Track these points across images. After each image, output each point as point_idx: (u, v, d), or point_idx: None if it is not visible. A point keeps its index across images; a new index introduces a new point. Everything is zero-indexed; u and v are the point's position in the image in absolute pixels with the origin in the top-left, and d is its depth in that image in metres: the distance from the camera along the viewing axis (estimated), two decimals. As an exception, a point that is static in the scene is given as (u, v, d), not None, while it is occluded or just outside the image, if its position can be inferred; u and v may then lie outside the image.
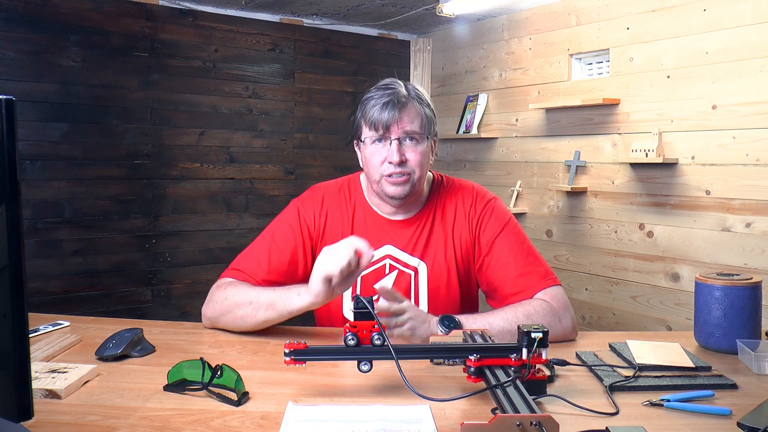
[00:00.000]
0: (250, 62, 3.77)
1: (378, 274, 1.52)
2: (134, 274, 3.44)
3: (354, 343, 1.06)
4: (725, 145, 2.68)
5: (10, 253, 0.78)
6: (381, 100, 1.44)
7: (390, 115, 1.43)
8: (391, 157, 1.44)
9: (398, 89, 1.46)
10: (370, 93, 1.49)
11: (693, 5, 2.78)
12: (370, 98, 1.47)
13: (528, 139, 3.64)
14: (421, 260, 1.52)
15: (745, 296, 1.31)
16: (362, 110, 1.49)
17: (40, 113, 3.14)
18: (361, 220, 1.55)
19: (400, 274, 1.52)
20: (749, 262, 2.61)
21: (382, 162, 1.46)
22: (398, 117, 1.43)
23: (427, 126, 1.48)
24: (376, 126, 1.44)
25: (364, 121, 1.48)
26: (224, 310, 1.42)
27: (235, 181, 3.76)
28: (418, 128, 1.46)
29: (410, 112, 1.45)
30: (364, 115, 1.48)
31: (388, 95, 1.45)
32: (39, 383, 1.04)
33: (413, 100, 1.47)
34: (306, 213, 1.56)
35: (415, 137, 1.45)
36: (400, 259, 1.53)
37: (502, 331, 1.32)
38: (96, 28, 3.27)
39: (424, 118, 1.47)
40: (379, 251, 1.52)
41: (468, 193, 1.57)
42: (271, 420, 0.98)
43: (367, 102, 1.48)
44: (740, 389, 1.13)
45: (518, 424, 0.84)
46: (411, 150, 1.45)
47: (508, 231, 1.51)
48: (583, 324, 3.33)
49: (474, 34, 3.99)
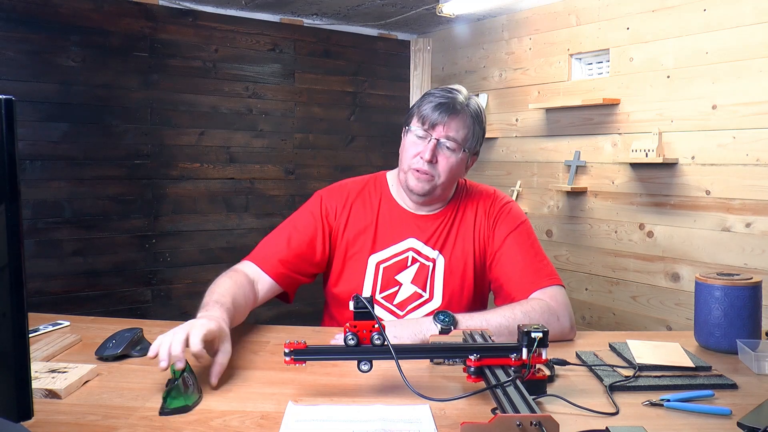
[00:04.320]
0: (250, 62, 3.77)
1: (400, 266, 1.55)
2: (134, 274, 3.44)
3: (354, 342, 1.06)
4: (725, 145, 2.68)
5: (9, 253, 0.78)
6: (438, 100, 1.50)
7: (440, 116, 1.48)
8: (424, 153, 1.48)
9: (458, 96, 1.52)
10: (433, 90, 1.55)
11: (693, 5, 2.77)
12: (431, 94, 1.53)
13: (528, 139, 3.64)
14: (440, 252, 1.56)
15: (745, 296, 1.31)
16: (419, 102, 1.54)
17: (40, 113, 3.14)
18: (386, 214, 1.59)
19: (420, 266, 1.55)
20: (749, 262, 2.61)
21: (415, 155, 1.50)
22: (447, 121, 1.48)
23: (471, 140, 1.52)
24: (424, 121, 1.50)
25: (416, 112, 1.52)
26: None
27: (235, 181, 3.76)
28: (461, 139, 1.50)
29: (459, 121, 1.49)
30: (419, 107, 1.52)
31: (447, 98, 1.50)
32: (39, 383, 1.04)
33: (467, 112, 1.51)
34: (329, 203, 1.60)
35: (454, 145, 1.49)
36: (421, 251, 1.56)
37: (500, 327, 1.34)
38: (96, 28, 3.27)
39: (469, 132, 1.51)
40: (402, 243, 1.56)
41: (488, 195, 1.63)
42: (271, 420, 0.98)
43: (427, 96, 1.53)
44: (740, 389, 1.13)
45: (518, 424, 0.84)
46: (444, 156, 1.50)
47: (521, 231, 1.56)
48: (583, 324, 3.33)
49: (474, 34, 3.99)
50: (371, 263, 1.55)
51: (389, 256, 1.55)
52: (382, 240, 1.56)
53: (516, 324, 1.23)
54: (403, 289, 1.54)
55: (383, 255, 1.55)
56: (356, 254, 1.56)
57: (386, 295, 1.54)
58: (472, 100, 1.54)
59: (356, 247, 1.56)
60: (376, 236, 1.56)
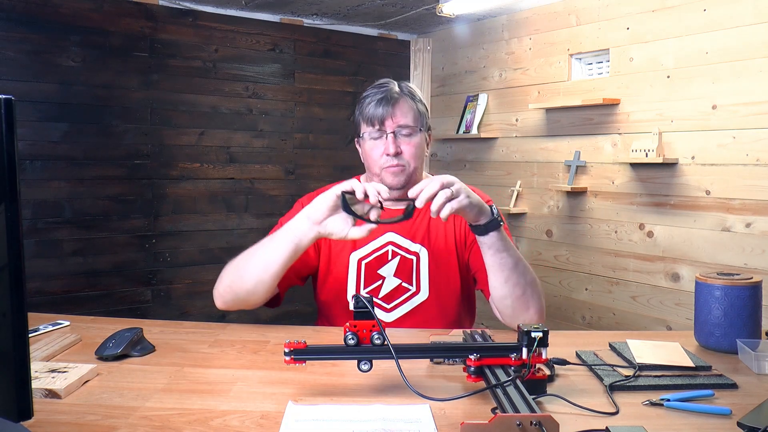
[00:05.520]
0: (250, 62, 3.77)
1: (381, 260, 1.58)
2: (134, 274, 3.44)
3: (354, 342, 1.06)
4: (725, 145, 2.68)
5: (9, 253, 0.78)
6: (375, 97, 1.56)
7: (384, 110, 1.54)
8: (387, 149, 1.53)
9: (391, 87, 1.58)
10: (365, 92, 1.61)
11: (693, 5, 2.77)
12: (366, 97, 1.59)
13: (528, 139, 3.64)
14: (422, 246, 1.59)
15: (745, 296, 1.31)
16: (359, 109, 1.59)
17: (40, 113, 3.14)
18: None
19: (402, 259, 1.58)
20: (749, 262, 2.61)
21: (380, 155, 1.55)
22: (392, 111, 1.54)
23: (420, 120, 1.58)
24: (372, 121, 1.55)
25: (361, 118, 1.58)
26: (230, 276, 1.46)
27: (235, 181, 3.76)
28: (412, 122, 1.56)
29: (403, 107, 1.55)
30: (361, 112, 1.58)
31: (382, 92, 1.56)
32: (39, 383, 1.04)
33: (405, 96, 1.58)
34: None
35: (409, 130, 1.55)
36: (401, 245, 1.59)
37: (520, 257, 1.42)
38: (96, 28, 3.27)
39: (416, 113, 1.57)
40: (381, 239, 1.59)
41: None
42: (271, 420, 0.98)
43: (363, 100, 1.59)
44: (740, 389, 1.13)
45: (518, 423, 0.84)
46: (405, 143, 1.55)
47: None
48: (583, 324, 3.33)
49: (474, 34, 3.99)
50: (353, 260, 1.58)
51: (369, 251, 1.58)
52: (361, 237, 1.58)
53: (526, 264, 1.40)
54: (387, 282, 1.57)
55: (363, 251, 1.59)
56: (339, 253, 1.59)
57: (371, 289, 1.57)
58: (403, 83, 1.61)
59: (338, 247, 1.59)
60: None
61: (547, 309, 1.49)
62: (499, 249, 1.37)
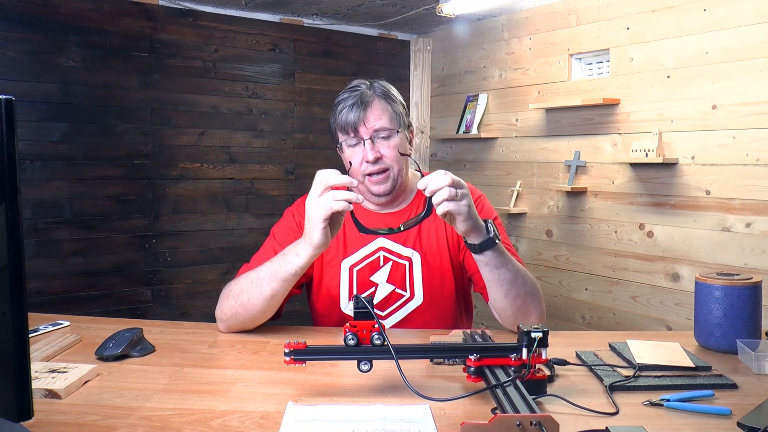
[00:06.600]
0: (250, 62, 3.77)
1: (373, 266, 1.55)
2: (134, 274, 3.44)
3: (354, 342, 1.06)
4: (725, 145, 2.68)
5: (9, 253, 0.78)
6: (347, 103, 1.50)
7: (356, 116, 1.47)
8: (366, 156, 1.48)
9: (362, 89, 1.51)
10: (338, 97, 1.54)
11: (693, 5, 2.77)
12: (338, 103, 1.52)
13: (528, 139, 3.64)
14: (414, 250, 1.55)
15: (745, 296, 1.31)
16: (333, 116, 1.53)
17: (40, 113, 3.14)
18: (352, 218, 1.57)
19: (394, 265, 1.54)
20: (749, 262, 2.61)
21: (360, 163, 1.50)
22: (365, 116, 1.48)
23: (397, 120, 1.51)
24: (346, 129, 1.49)
25: (336, 127, 1.52)
26: (233, 304, 1.42)
27: (235, 181, 3.76)
28: (387, 123, 1.49)
29: (375, 110, 1.49)
30: (335, 120, 1.52)
31: (353, 97, 1.50)
32: (39, 383, 1.04)
33: (378, 97, 1.51)
34: (300, 217, 1.57)
35: (386, 132, 1.49)
36: (393, 250, 1.55)
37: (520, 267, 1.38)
38: (96, 28, 3.27)
39: (391, 113, 1.51)
40: (371, 245, 1.55)
41: None
42: (271, 420, 0.98)
43: (336, 107, 1.53)
44: (740, 389, 1.13)
45: (518, 423, 0.84)
46: (384, 146, 1.49)
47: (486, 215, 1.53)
48: (583, 324, 3.33)
49: (474, 34, 3.99)
50: (344, 268, 1.55)
51: (360, 258, 1.55)
52: (352, 244, 1.56)
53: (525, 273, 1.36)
54: (380, 289, 1.53)
55: (354, 258, 1.55)
56: (330, 261, 1.56)
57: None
58: (375, 83, 1.54)
59: (330, 255, 1.55)
60: (345, 241, 1.56)
61: (547, 309, 1.49)
62: (496, 265, 1.31)
